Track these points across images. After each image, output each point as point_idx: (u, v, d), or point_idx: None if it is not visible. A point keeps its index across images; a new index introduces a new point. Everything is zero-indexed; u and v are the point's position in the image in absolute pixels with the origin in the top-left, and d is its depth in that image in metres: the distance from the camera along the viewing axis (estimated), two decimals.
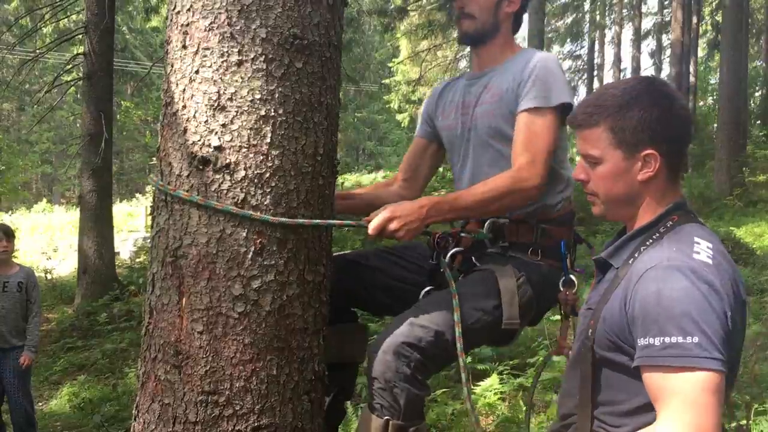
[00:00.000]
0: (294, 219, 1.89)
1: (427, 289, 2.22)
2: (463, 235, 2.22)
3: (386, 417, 1.97)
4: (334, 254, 2.30)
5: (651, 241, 1.49)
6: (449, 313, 2.01)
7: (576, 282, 2.17)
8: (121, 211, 21.63)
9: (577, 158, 1.63)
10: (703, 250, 1.42)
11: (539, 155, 2.13)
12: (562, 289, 2.16)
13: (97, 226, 10.47)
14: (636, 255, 1.49)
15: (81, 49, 11.38)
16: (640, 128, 1.48)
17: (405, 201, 2.06)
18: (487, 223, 2.24)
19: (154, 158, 2.10)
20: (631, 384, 1.42)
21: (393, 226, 1.96)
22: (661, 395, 1.34)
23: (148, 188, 23.97)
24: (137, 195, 26.79)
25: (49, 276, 13.03)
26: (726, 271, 1.41)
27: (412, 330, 2.00)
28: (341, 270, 2.28)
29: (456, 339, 1.99)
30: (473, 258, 2.26)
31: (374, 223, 1.97)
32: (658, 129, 1.48)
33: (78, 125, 27.98)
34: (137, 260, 13.43)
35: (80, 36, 11.30)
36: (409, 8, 19.18)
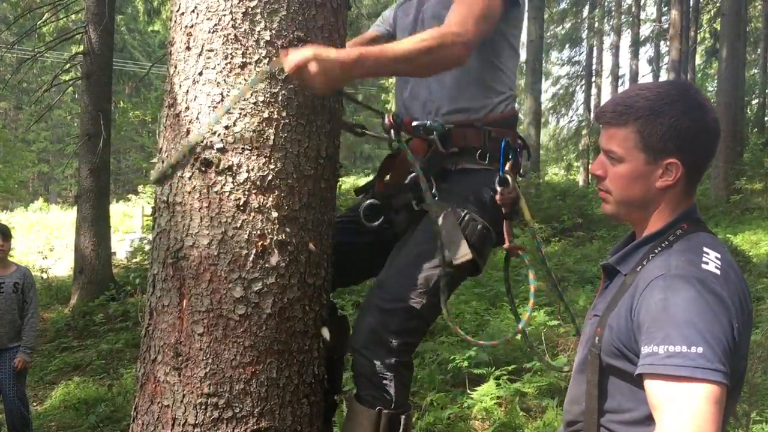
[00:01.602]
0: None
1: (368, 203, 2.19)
2: (414, 123, 2.16)
3: (378, 407, 1.98)
4: None
5: (660, 249, 1.48)
6: (408, 277, 2.02)
7: (511, 180, 2.13)
8: (117, 211, 21.57)
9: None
10: (712, 260, 1.41)
11: (471, 16, 2.01)
12: (498, 189, 2.13)
13: (94, 226, 10.45)
14: (644, 263, 1.48)
15: (80, 49, 11.37)
16: (668, 136, 1.46)
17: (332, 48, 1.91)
18: (433, 123, 2.16)
19: (153, 159, 2.10)
20: (638, 393, 1.41)
21: (312, 68, 1.77)
22: (660, 404, 1.33)
23: (140, 188, 23.94)
24: (132, 195, 26.70)
25: (45, 275, 12.99)
26: (733, 282, 1.40)
27: (380, 317, 2.01)
28: None
29: (424, 304, 2.00)
30: (433, 182, 2.16)
31: (293, 59, 1.79)
32: (687, 139, 1.46)
33: (75, 124, 27.98)
34: (133, 260, 13.39)
35: (79, 35, 11.29)
36: None
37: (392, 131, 2.10)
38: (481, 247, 2.10)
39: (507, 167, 2.16)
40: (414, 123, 2.16)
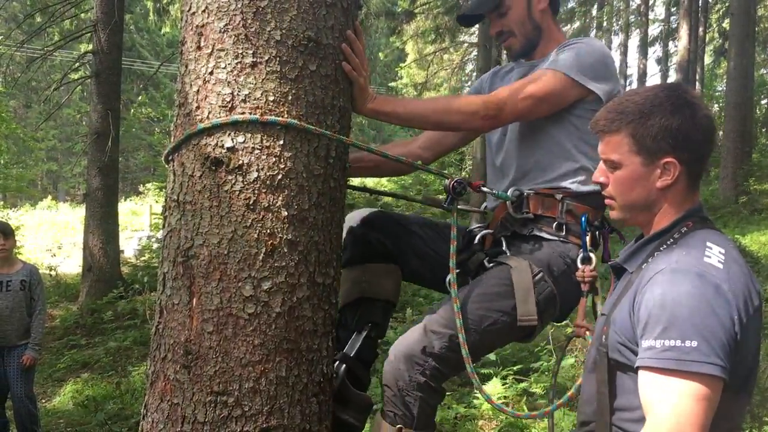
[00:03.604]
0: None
1: (449, 278, 2.15)
2: (484, 189, 2.20)
3: (399, 426, 1.98)
4: (376, 210, 2.39)
5: (665, 246, 1.50)
6: (465, 312, 2.02)
7: (594, 259, 2.09)
8: (126, 209, 21.65)
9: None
10: (714, 254, 1.42)
11: (513, 94, 2.12)
12: (580, 266, 2.08)
13: (103, 224, 10.50)
14: (649, 260, 1.50)
15: (89, 48, 11.41)
16: (661, 136, 1.48)
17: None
18: (510, 189, 2.22)
19: (161, 158, 2.11)
20: None
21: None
22: (649, 400, 1.35)
23: (143, 187, 23.99)
24: (140, 194, 26.76)
25: (53, 273, 13.05)
26: (737, 276, 1.41)
27: (425, 336, 2.01)
28: (380, 222, 2.30)
29: (472, 340, 1.99)
30: (502, 241, 2.22)
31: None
32: (680, 137, 1.48)
33: (84, 123, 28.07)
34: (142, 259, 13.44)
35: (88, 34, 11.33)
36: (416, 11, 19.21)
37: (449, 195, 2.14)
38: (544, 311, 2.11)
39: (588, 244, 2.12)
40: (483, 187, 2.21)
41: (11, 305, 5.17)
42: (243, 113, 1.85)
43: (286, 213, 1.87)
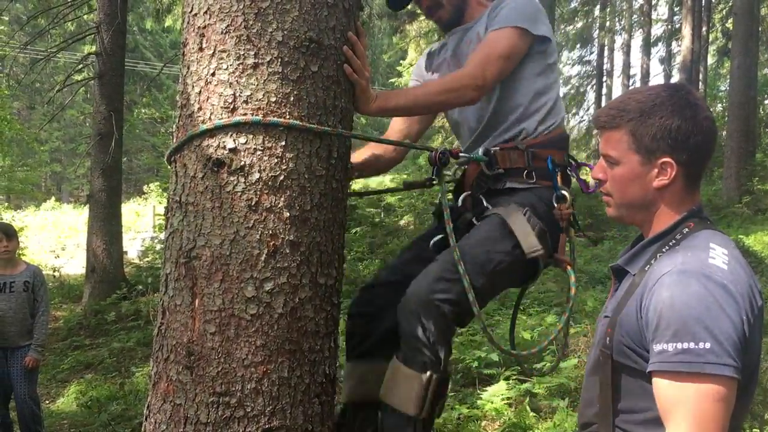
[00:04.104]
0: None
1: (438, 237, 2.30)
2: (461, 155, 2.29)
3: (429, 372, 2.03)
4: (369, 284, 2.45)
5: (667, 248, 1.49)
6: (473, 256, 2.09)
7: (568, 196, 2.25)
8: (129, 210, 21.68)
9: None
10: (719, 255, 1.42)
11: (488, 60, 2.24)
12: (555, 205, 2.23)
13: (106, 225, 10.53)
14: (652, 262, 1.49)
15: (92, 49, 11.43)
16: (659, 136, 1.48)
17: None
18: (480, 149, 2.33)
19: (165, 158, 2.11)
20: (651, 392, 1.42)
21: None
22: (668, 404, 1.34)
23: (147, 188, 24.01)
24: (144, 194, 26.79)
25: (57, 274, 13.08)
26: (741, 277, 1.40)
27: (439, 284, 2.05)
28: (387, 302, 2.27)
29: (482, 284, 2.08)
30: (483, 200, 2.33)
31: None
32: (679, 138, 1.47)
33: (87, 124, 28.11)
34: (145, 260, 13.46)
35: (91, 36, 11.36)
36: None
37: (435, 167, 2.21)
38: (541, 244, 2.18)
39: (559, 183, 2.26)
40: (461, 154, 2.30)
41: (14, 306, 5.17)
42: (245, 114, 1.85)
43: (288, 214, 1.87)
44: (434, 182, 2.28)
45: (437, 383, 2.04)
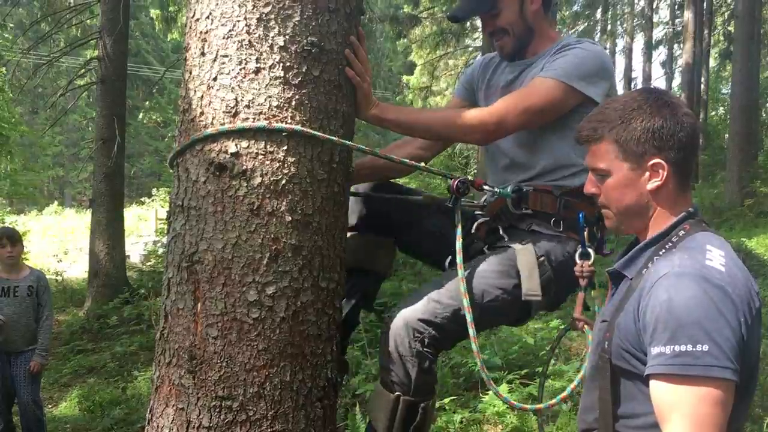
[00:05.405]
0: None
1: (450, 259, 2.21)
2: (486, 188, 2.22)
3: (397, 393, 2.01)
4: (387, 182, 2.45)
5: (664, 250, 1.49)
6: (472, 286, 2.06)
7: (592, 255, 2.12)
8: (131, 214, 21.71)
9: None
10: (716, 257, 1.42)
11: (515, 110, 2.13)
12: (578, 261, 2.11)
13: (109, 229, 10.52)
14: (649, 265, 1.49)
15: (94, 54, 11.46)
16: (644, 138, 1.49)
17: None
18: (510, 186, 2.24)
19: (166, 163, 2.12)
20: (650, 396, 1.41)
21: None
22: (665, 408, 1.34)
23: (156, 191, 24.04)
24: (146, 198, 26.82)
25: (59, 278, 13.08)
26: (739, 279, 1.40)
27: (428, 306, 2.04)
28: (387, 191, 2.37)
29: (473, 316, 2.02)
30: (500, 230, 2.26)
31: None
32: (663, 137, 1.48)
33: (90, 129, 28.18)
34: (147, 264, 13.46)
35: (94, 41, 11.39)
36: (420, 16, 19.25)
37: (452, 195, 2.16)
38: (543, 293, 2.12)
39: (586, 239, 2.14)
40: (485, 186, 2.23)
41: (18, 311, 5.17)
42: (247, 119, 1.86)
43: (290, 218, 1.87)
44: (449, 206, 2.18)
45: (406, 406, 2.02)
